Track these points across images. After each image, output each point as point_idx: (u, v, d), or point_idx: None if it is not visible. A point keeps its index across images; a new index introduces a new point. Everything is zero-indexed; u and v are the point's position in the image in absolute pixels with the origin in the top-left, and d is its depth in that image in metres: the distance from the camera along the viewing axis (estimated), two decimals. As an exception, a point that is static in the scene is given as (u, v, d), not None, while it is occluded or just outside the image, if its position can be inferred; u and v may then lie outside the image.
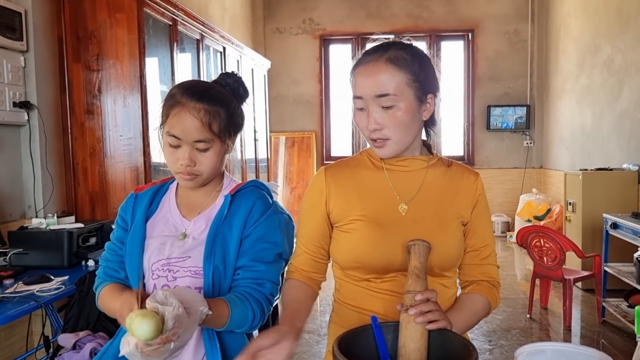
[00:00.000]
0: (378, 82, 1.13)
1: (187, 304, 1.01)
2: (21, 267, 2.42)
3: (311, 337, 4.00)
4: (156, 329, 0.95)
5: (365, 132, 1.18)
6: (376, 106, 1.14)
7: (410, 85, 1.14)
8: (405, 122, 1.15)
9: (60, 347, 2.05)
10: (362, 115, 1.17)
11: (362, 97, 1.16)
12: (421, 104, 1.17)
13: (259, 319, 1.19)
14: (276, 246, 1.23)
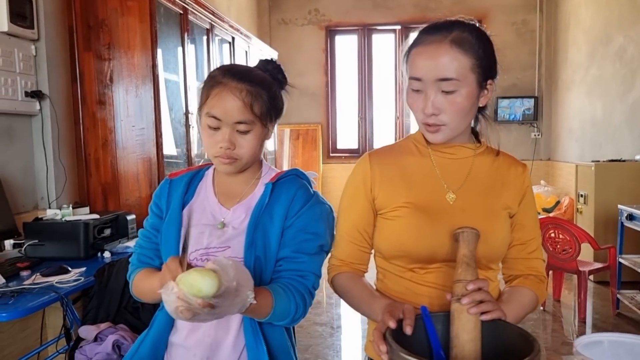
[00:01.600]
0: (440, 65, 1.08)
1: (238, 284, 0.97)
2: (37, 258, 2.39)
3: (324, 330, 3.97)
4: (210, 287, 0.92)
5: (420, 115, 1.14)
6: (435, 90, 1.10)
7: (473, 70, 1.10)
8: (465, 108, 1.11)
9: (80, 339, 2.03)
10: (418, 98, 1.13)
11: (421, 79, 1.10)
12: (481, 89, 1.13)
13: (301, 312, 1.16)
14: (318, 237, 1.20)
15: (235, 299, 0.96)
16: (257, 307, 1.05)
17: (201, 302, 0.91)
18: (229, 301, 0.95)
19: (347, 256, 1.25)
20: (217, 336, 1.19)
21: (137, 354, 1.21)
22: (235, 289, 0.95)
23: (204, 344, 1.19)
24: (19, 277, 2.18)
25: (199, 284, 0.92)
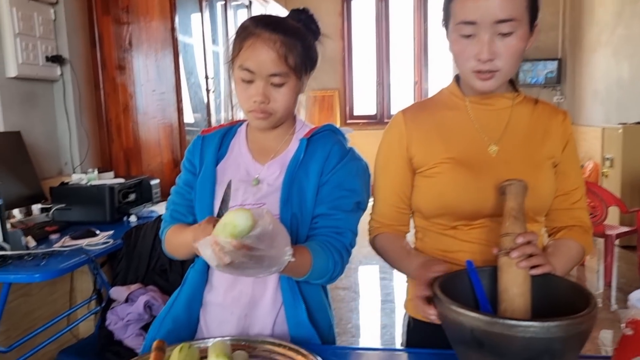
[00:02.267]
0: (502, 5, 1.01)
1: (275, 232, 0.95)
2: (64, 222, 2.40)
3: (347, 294, 4.00)
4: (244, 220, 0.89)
5: (471, 63, 1.07)
6: (492, 33, 1.03)
7: (528, 9, 1.03)
8: (519, 51, 1.05)
9: (111, 300, 2.05)
10: (468, 44, 1.05)
11: (476, 22, 1.03)
12: (531, 31, 1.07)
13: (339, 270, 1.14)
14: (355, 194, 1.16)
15: (272, 247, 0.92)
16: (296, 266, 1.03)
17: (236, 242, 0.88)
18: (266, 246, 0.91)
19: (386, 218, 1.23)
20: (255, 294, 1.17)
21: (170, 312, 1.20)
22: (271, 233, 0.92)
23: (241, 302, 1.17)
24: (48, 240, 2.19)
25: (232, 220, 0.89)
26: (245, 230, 0.90)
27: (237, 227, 0.89)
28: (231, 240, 0.88)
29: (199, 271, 1.19)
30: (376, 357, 1.11)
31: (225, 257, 0.89)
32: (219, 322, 1.19)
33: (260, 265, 0.94)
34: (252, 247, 0.89)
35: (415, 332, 1.23)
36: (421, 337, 1.20)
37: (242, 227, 0.89)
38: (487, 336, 0.78)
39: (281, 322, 1.17)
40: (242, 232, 0.90)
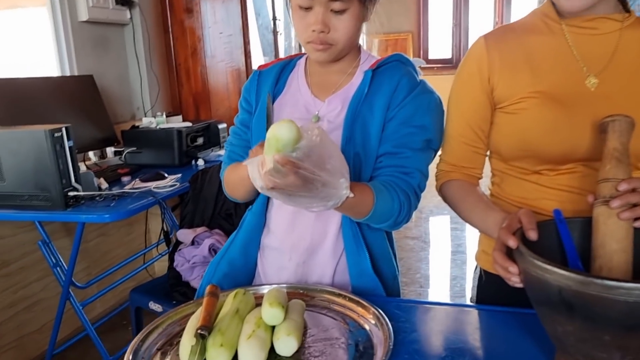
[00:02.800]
0: None
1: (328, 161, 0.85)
2: (136, 165, 2.44)
3: (416, 244, 3.90)
4: (287, 131, 0.80)
5: None
6: None
7: None
8: None
9: (179, 242, 2.07)
10: None
11: None
12: None
13: (405, 213, 1.03)
14: (425, 131, 1.04)
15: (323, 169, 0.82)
16: (356, 203, 0.94)
17: (280, 156, 0.79)
18: (316, 166, 0.81)
19: (458, 159, 1.10)
20: (314, 240, 1.10)
21: (226, 255, 1.16)
22: (321, 151, 0.82)
23: (299, 247, 1.11)
24: (120, 182, 2.24)
25: (274, 134, 0.80)
26: (289, 143, 0.81)
27: (280, 140, 0.80)
28: (274, 155, 0.80)
29: (257, 213, 1.12)
30: (443, 312, 1.01)
31: (269, 180, 0.81)
32: (277, 268, 1.13)
33: (313, 193, 0.84)
34: (298, 164, 0.80)
35: (487, 287, 1.12)
36: (493, 292, 1.09)
37: (286, 140, 0.80)
38: (579, 298, 0.66)
39: (342, 270, 1.10)
40: (286, 146, 0.81)
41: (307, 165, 0.81)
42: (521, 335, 0.90)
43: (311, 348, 0.89)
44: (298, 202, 0.88)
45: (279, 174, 0.80)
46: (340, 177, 0.87)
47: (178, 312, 0.99)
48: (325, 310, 1.01)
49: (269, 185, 0.82)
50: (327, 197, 0.87)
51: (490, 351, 0.87)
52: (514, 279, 0.78)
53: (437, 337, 0.91)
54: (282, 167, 0.79)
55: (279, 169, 0.80)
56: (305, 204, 0.88)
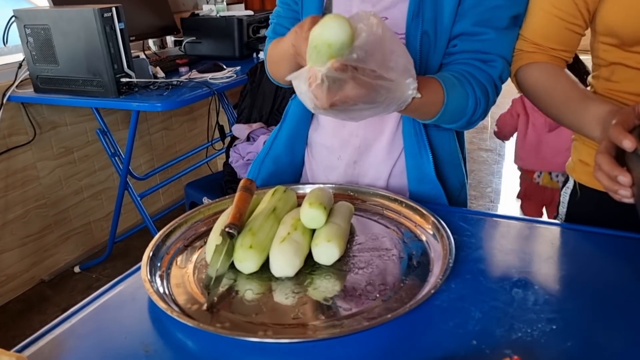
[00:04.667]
0: None
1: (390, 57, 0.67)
2: (195, 56, 2.34)
3: (489, 156, 3.65)
4: (338, 31, 0.62)
5: None
6: None
7: None
8: None
9: (235, 138, 1.98)
10: None
11: None
12: None
13: (481, 111, 0.84)
14: (513, 4, 0.82)
15: (387, 67, 0.65)
16: (423, 104, 0.76)
17: (337, 62, 0.62)
18: (379, 64, 0.64)
19: (546, 38, 0.85)
20: (367, 137, 0.94)
21: (270, 151, 1.03)
22: (382, 44, 0.64)
23: (350, 145, 0.95)
24: (177, 72, 2.15)
25: (321, 36, 0.63)
26: (344, 45, 0.62)
27: (333, 44, 0.62)
28: (329, 62, 0.63)
29: (300, 103, 0.97)
30: (519, 228, 0.85)
31: (324, 92, 0.64)
32: (325, 168, 0.99)
33: (375, 99, 0.67)
34: (360, 67, 0.63)
35: (582, 205, 0.92)
36: (589, 211, 0.90)
37: (340, 42, 0.62)
38: None
39: (399, 174, 0.94)
40: (341, 50, 0.63)
41: (372, 67, 0.64)
42: (620, 262, 0.73)
43: (356, 258, 0.76)
44: (357, 115, 0.71)
45: (336, 84, 0.63)
46: (407, 77, 0.69)
47: (211, 208, 0.89)
48: (378, 216, 0.87)
49: (325, 102, 0.65)
50: (390, 102, 0.70)
51: (579, 279, 0.71)
52: (623, 193, 0.59)
53: (508, 257, 0.76)
54: (341, 74, 0.62)
55: (337, 77, 0.63)
56: (365, 116, 0.72)
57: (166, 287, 0.70)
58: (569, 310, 0.64)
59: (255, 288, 0.70)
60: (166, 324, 0.64)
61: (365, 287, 0.69)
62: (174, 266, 0.76)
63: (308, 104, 0.69)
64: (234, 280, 0.72)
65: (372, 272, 0.72)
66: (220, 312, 0.65)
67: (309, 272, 0.73)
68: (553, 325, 0.61)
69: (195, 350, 0.60)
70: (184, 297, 0.68)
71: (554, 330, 0.60)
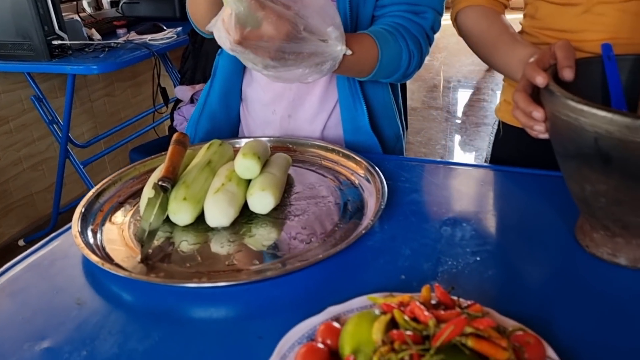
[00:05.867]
0: None
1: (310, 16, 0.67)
2: (133, 17, 2.25)
3: (439, 114, 3.71)
4: None
5: None
6: None
7: None
8: None
9: (180, 101, 1.94)
10: None
11: None
12: None
13: (415, 63, 0.85)
14: None
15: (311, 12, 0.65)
16: (356, 61, 0.76)
17: None
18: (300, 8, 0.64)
19: None
20: (301, 89, 0.94)
21: (206, 108, 1.01)
22: None
23: (284, 99, 0.95)
24: (115, 34, 2.07)
25: None
26: None
27: None
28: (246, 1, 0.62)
29: (229, 56, 0.95)
30: (451, 172, 0.88)
31: (234, 25, 0.63)
32: (261, 123, 0.98)
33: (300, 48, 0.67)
34: (279, 10, 0.63)
35: (504, 144, 0.96)
36: (511, 150, 0.94)
37: None
38: (620, 148, 0.50)
39: (334, 125, 0.95)
40: None
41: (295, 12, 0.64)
42: (539, 199, 0.77)
43: (292, 207, 0.77)
44: (287, 74, 0.71)
45: (252, 20, 0.62)
46: (328, 25, 0.69)
47: (146, 164, 0.88)
48: (315, 167, 0.88)
49: (235, 35, 0.64)
50: (319, 59, 0.71)
51: (502, 215, 0.74)
52: (538, 128, 0.62)
53: (440, 199, 0.78)
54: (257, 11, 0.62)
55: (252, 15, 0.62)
56: (296, 75, 0.72)
57: (99, 242, 0.69)
58: (492, 243, 0.67)
59: (190, 239, 0.70)
60: (99, 278, 0.63)
61: (301, 233, 0.70)
62: (108, 222, 0.75)
63: (226, 45, 0.67)
64: (169, 233, 0.72)
65: (308, 219, 0.74)
66: (155, 263, 0.65)
67: (245, 222, 0.73)
68: (477, 257, 0.64)
69: (130, 301, 0.60)
70: (118, 251, 0.68)
71: (478, 261, 0.63)
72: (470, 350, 0.42)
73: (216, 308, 0.59)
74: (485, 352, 0.42)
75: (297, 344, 0.49)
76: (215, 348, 0.52)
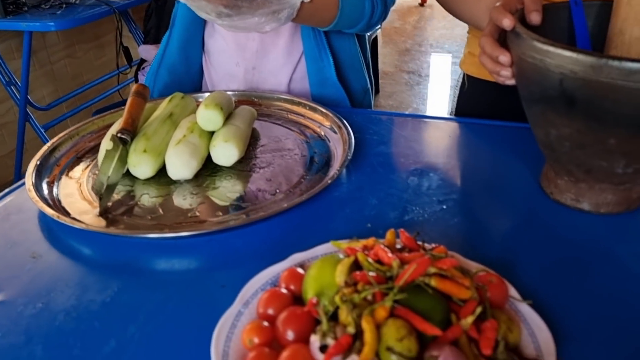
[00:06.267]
0: None
1: None
2: (93, -27, 2.14)
3: (411, 77, 3.69)
4: None
5: None
6: None
7: None
8: None
9: (145, 61, 1.88)
10: None
11: None
12: None
13: (379, 14, 0.83)
14: None
15: None
16: (315, 9, 0.74)
17: None
18: None
19: None
20: (265, 40, 0.91)
21: (165, 58, 0.96)
22: None
23: (247, 50, 0.92)
24: (73, -9, 1.97)
25: None
26: None
27: None
28: None
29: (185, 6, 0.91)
30: (418, 125, 0.87)
31: None
32: (224, 75, 0.95)
33: None
34: None
35: (469, 96, 0.96)
36: (476, 102, 0.93)
37: None
38: (585, 89, 0.50)
39: (300, 79, 0.93)
40: None
41: None
42: (505, 150, 0.77)
43: (258, 159, 0.75)
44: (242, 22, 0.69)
45: None
46: None
47: (105, 119, 0.84)
48: (282, 120, 0.86)
49: None
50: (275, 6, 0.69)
51: (469, 166, 0.74)
52: (504, 73, 0.61)
53: (407, 150, 0.77)
54: None
55: None
56: (252, 23, 0.69)
57: (55, 196, 0.67)
58: (458, 192, 0.67)
59: (152, 192, 0.68)
60: (55, 232, 0.61)
61: (266, 185, 0.69)
62: (65, 177, 0.72)
63: None
64: (130, 187, 0.69)
65: (273, 171, 0.72)
66: (115, 217, 0.63)
67: (209, 175, 0.72)
68: (443, 206, 0.64)
69: (88, 254, 0.58)
70: (75, 205, 0.65)
71: (444, 209, 0.63)
72: (433, 290, 0.42)
73: (178, 259, 0.57)
74: (448, 291, 0.42)
75: (260, 291, 0.48)
76: (177, 297, 0.51)
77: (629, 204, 0.61)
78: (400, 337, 0.38)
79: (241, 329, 0.44)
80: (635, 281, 0.51)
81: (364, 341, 0.38)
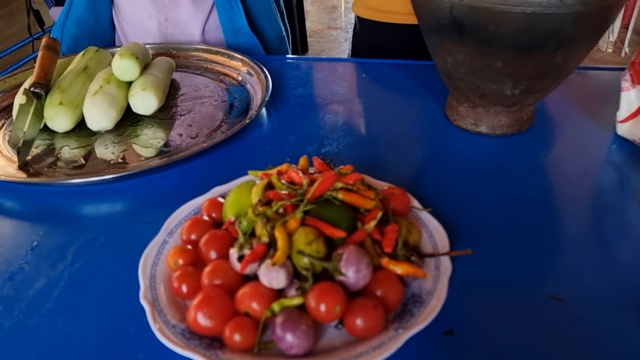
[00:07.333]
0: None
1: None
2: None
3: (339, 34, 3.71)
4: None
5: None
6: None
7: None
8: None
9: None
10: None
11: None
12: None
13: None
14: None
15: None
16: None
17: None
18: None
19: None
20: None
21: (71, 10, 0.93)
22: None
23: (157, 1, 0.91)
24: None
25: None
26: None
27: None
28: None
29: None
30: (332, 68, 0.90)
31: None
32: (137, 29, 0.94)
33: None
34: None
35: (362, 37, 1.01)
36: (371, 43, 0.98)
37: None
38: (471, 16, 0.54)
39: (214, 29, 0.94)
40: None
41: None
42: (412, 85, 0.81)
43: (178, 107, 0.77)
44: None
45: None
46: None
47: (17, 77, 0.82)
48: (200, 70, 0.87)
49: None
50: None
51: (380, 102, 0.78)
52: None
53: (324, 91, 0.81)
54: None
55: None
56: None
57: (-30, 154, 0.66)
58: (371, 125, 0.72)
59: (73, 144, 0.68)
60: (-27, 187, 0.61)
61: (188, 130, 0.71)
62: (-21, 136, 0.70)
63: None
64: (50, 141, 0.69)
65: (194, 117, 0.74)
66: (36, 170, 0.63)
67: (130, 124, 0.72)
68: (357, 138, 0.68)
69: (9, 206, 0.59)
70: (-8, 162, 0.65)
71: (357, 141, 0.67)
72: (340, 202, 0.46)
73: (104, 204, 0.59)
74: (354, 203, 0.47)
75: (183, 221, 0.51)
76: (104, 236, 0.53)
77: (521, 125, 0.68)
78: (309, 241, 0.42)
79: (166, 255, 0.47)
80: (522, 188, 0.58)
81: (277, 247, 0.41)
